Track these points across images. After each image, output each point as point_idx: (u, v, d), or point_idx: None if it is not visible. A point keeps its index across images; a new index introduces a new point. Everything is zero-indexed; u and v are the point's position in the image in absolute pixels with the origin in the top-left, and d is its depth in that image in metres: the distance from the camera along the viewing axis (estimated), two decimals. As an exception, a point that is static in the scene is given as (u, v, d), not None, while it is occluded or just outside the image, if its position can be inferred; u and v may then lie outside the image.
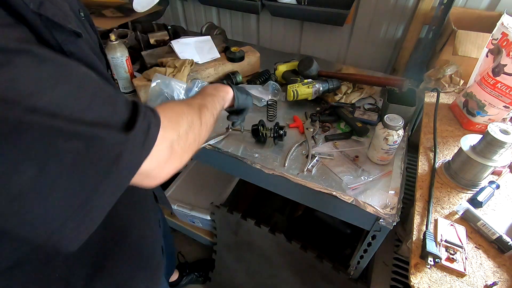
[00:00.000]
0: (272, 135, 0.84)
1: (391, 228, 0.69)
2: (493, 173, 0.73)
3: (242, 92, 0.72)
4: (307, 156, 0.82)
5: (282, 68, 1.10)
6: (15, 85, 0.25)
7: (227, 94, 0.67)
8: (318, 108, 0.99)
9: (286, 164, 0.81)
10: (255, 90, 1.02)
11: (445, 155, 0.80)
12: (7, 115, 0.24)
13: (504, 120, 0.81)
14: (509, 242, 0.58)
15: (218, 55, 1.14)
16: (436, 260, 0.56)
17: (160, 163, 0.37)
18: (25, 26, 0.30)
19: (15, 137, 0.25)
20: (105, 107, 0.32)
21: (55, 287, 0.46)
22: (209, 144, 0.88)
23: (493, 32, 0.79)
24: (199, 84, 1.03)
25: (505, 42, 0.74)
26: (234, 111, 0.74)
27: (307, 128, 0.91)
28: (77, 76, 0.30)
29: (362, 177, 0.77)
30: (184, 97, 0.99)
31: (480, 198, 0.66)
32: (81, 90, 0.30)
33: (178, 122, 0.42)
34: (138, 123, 0.34)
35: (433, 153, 0.79)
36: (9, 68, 0.25)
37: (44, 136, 0.27)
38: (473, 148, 0.67)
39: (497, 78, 0.76)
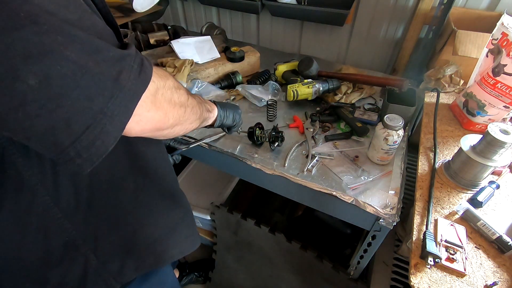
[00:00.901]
0: (267, 139, 0.83)
1: (391, 228, 0.69)
2: (493, 173, 0.73)
3: (227, 110, 0.69)
4: (307, 156, 0.82)
5: (282, 68, 1.10)
6: None
7: (212, 112, 0.65)
8: (318, 108, 0.99)
9: (286, 164, 0.81)
10: (255, 90, 1.02)
11: (445, 155, 0.80)
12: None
13: (504, 120, 0.81)
14: (509, 242, 0.58)
15: (218, 55, 1.14)
16: (436, 260, 0.56)
17: (146, 105, 0.36)
18: None
19: (13, 33, 0.25)
20: (96, 26, 0.32)
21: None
22: (206, 143, 0.88)
23: (493, 32, 0.79)
24: (199, 84, 1.03)
25: (505, 42, 0.74)
26: (223, 129, 0.74)
27: (307, 128, 0.91)
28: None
29: (362, 177, 0.77)
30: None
31: (480, 198, 0.66)
32: (70, 6, 0.29)
33: (166, 76, 0.42)
34: (131, 49, 0.33)
35: (433, 153, 0.79)
36: None
37: (44, 32, 0.27)
38: (473, 148, 0.67)
39: (497, 78, 0.76)
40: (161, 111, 0.40)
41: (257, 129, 0.83)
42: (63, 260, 0.49)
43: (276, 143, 0.83)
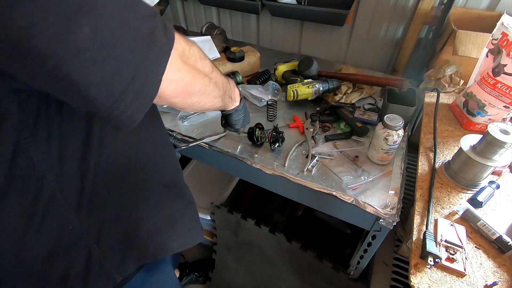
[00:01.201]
0: (267, 140, 0.83)
1: (391, 228, 0.69)
2: (493, 173, 0.73)
3: (246, 110, 0.73)
4: (307, 156, 0.82)
5: (282, 68, 1.10)
6: None
7: (235, 98, 0.66)
8: (318, 108, 0.99)
9: (286, 164, 0.81)
10: (255, 90, 1.02)
11: (445, 155, 0.80)
12: None
13: (504, 120, 0.81)
14: (509, 242, 0.58)
15: (218, 55, 1.14)
16: (436, 260, 0.56)
17: (176, 64, 0.37)
18: None
19: None
20: None
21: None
22: (206, 143, 0.88)
23: (493, 32, 0.79)
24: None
25: (505, 42, 0.74)
26: (227, 122, 0.73)
27: (307, 128, 0.91)
28: None
29: (362, 177, 0.77)
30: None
31: (480, 198, 0.66)
32: None
33: (190, 43, 0.42)
34: (157, 15, 0.34)
35: (433, 153, 0.79)
36: None
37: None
38: (473, 148, 0.67)
39: (497, 78, 0.76)
40: (189, 73, 0.41)
41: (257, 129, 0.83)
42: (67, 252, 0.49)
43: (277, 144, 0.83)
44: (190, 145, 0.86)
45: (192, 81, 0.42)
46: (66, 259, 0.49)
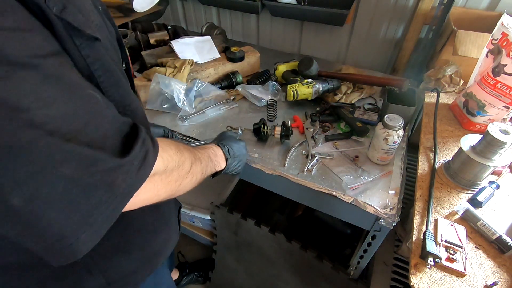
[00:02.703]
0: (274, 134, 0.84)
1: (391, 228, 0.69)
2: (493, 173, 0.73)
3: (236, 161, 0.71)
4: (307, 156, 0.82)
5: (282, 68, 1.10)
6: (10, 98, 0.25)
7: (220, 163, 0.66)
8: (318, 108, 0.99)
9: (286, 164, 0.81)
10: (255, 90, 1.02)
11: (445, 155, 0.80)
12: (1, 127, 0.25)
13: (504, 120, 0.81)
14: (509, 242, 0.58)
15: (218, 55, 1.14)
16: (436, 260, 0.56)
17: (144, 191, 0.38)
18: (48, 30, 0.30)
19: (8, 152, 0.26)
20: (100, 131, 0.32)
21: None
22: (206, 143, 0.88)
23: (493, 32, 0.79)
24: (199, 84, 1.03)
25: (505, 42, 0.74)
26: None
27: (307, 128, 0.91)
28: (77, 98, 0.31)
29: (362, 177, 0.77)
30: (184, 97, 0.99)
31: (480, 198, 0.66)
32: (78, 112, 0.30)
33: (171, 156, 0.43)
34: (135, 150, 0.35)
35: (433, 153, 0.79)
36: (7, 81, 0.25)
37: (38, 152, 0.27)
38: (473, 148, 0.67)
39: (497, 78, 0.76)
40: (152, 192, 0.41)
41: (263, 125, 0.84)
42: (73, 276, 0.50)
43: (289, 136, 0.84)
44: (196, 144, 0.86)
45: (155, 197, 0.42)
46: (70, 282, 0.52)
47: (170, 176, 0.43)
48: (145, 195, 0.40)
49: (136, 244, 0.58)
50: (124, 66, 0.53)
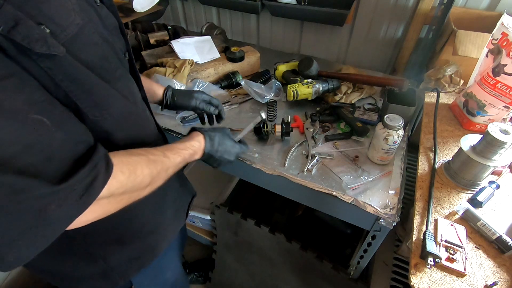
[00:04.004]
0: (274, 132, 0.85)
1: (391, 228, 0.69)
2: (493, 173, 0.73)
3: (216, 157, 0.66)
4: (307, 156, 0.82)
5: (282, 68, 1.10)
6: None
7: (194, 157, 0.62)
8: (318, 108, 0.99)
9: (286, 164, 0.81)
10: (258, 88, 1.02)
11: (445, 155, 0.80)
12: None
13: (504, 120, 0.81)
14: (509, 242, 0.58)
15: (218, 55, 1.14)
16: (436, 260, 0.56)
17: (91, 211, 0.38)
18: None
19: None
20: (40, 156, 0.32)
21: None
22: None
23: (493, 32, 0.79)
24: (200, 84, 1.03)
25: (505, 42, 0.74)
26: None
27: (307, 128, 0.91)
28: (16, 124, 0.30)
29: (362, 177, 0.77)
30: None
31: (480, 198, 0.66)
32: (14, 139, 0.30)
33: (120, 182, 0.42)
34: (78, 175, 0.34)
35: (433, 153, 0.79)
36: None
37: None
38: (473, 148, 0.67)
39: (497, 78, 0.76)
40: (98, 212, 0.40)
41: (263, 124, 0.84)
42: (75, 255, 0.54)
43: (289, 133, 0.85)
44: None
45: (103, 214, 0.42)
46: (73, 260, 0.57)
47: (119, 197, 0.42)
48: (90, 217, 0.39)
49: (137, 235, 0.60)
50: (127, 56, 0.53)
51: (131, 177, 0.43)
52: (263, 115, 0.72)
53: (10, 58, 0.31)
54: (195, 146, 0.61)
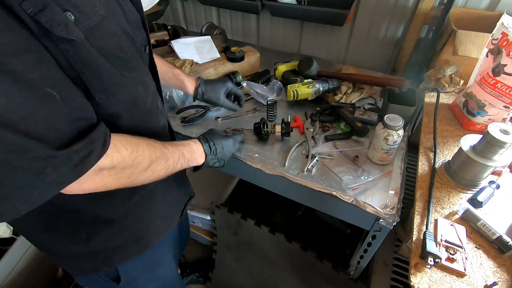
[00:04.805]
0: (274, 132, 0.85)
1: (391, 228, 0.69)
2: (493, 173, 0.73)
3: (215, 156, 0.70)
4: (307, 156, 0.82)
5: (282, 68, 1.10)
6: None
7: (197, 159, 0.66)
8: (318, 108, 0.99)
9: (286, 164, 0.81)
10: (259, 88, 1.02)
11: (445, 155, 0.80)
12: None
13: (504, 120, 0.81)
14: (509, 242, 0.58)
15: (218, 55, 1.14)
16: (436, 260, 0.56)
17: (80, 180, 0.40)
18: (26, 29, 0.33)
19: None
20: (46, 123, 0.35)
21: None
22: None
23: (493, 32, 0.79)
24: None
25: (505, 42, 0.74)
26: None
27: (307, 128, 0.91)
28: (30, 93, 0.34)
29: (362, 177, 0.77)
30: (184, 98, 0.99)
31: (480, 198, 0.66)
32: (25, 105, 0.34)
33: (123, 156, 0.46)
34: (75, 146, 0.38)
35: (433, 153, 0.79)
36: None
37: None
38: (473, 148, 0.67)
39: (497, 78, 0.76)
40: (99, 184, 0.44)
41: (263, 124, 0.85)
42: (61, 231, 0.57)
43: (289, 133, 0.85)
44: None
45: (102, 187, 0.45)
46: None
47: (121, 173, 0.46)
48: (90, 186, 0.43)
49: (122, 219, 0.60)
50: (147, 50, 0.55)
51: (133, 154, 0.47)
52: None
53: (34, 36, 0.34)
54: (192, 145, 0.65)
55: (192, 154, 0.64)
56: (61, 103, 0.37)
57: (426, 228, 0.62)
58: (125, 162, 0.46)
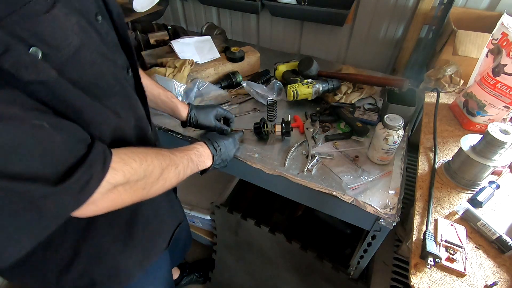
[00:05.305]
0: (274, 132, 0.85)
1: (391, 228, 0.69)
2: (493, 173, 0.73)
3: (220, 156, 0.71)
4: (307, 156, 0.82)
5: (282, 68, 1.10)
6: None
7: (205, 162, 0.66)
8: (318, 108, 0.99)
9: (286, 164, 0.81)
10: (259, 88, 1.02)
11: (445, 155, 0.80)
12: None
13: (504, 120, 0.81)
14: (509, 242, 0.58)
15: (218, 55, 1.14)
16: (436, 260, 0.56)
17: (95, 201, 0.39)
18: None
19: None
20: (40, 161, 0.32)
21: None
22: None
23: (493, 32, 0.79)
24: (200, 84, 1.03)
25: (505, 42, 0.74)
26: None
27: (307, 128, 0.91)
28: (15, 131, 0.30)
29: (362, 177, 0.77)
30: (184, 98, 0.99)
31: (480, 198, 0.66)
32: (18, 143, 0.30)
33: (134, 168, 0.44)
34: (75, 176, 0.35)
35: (433, 153, 0.79)
36: None
37: None
38: (473, 148, 0.67)
39: (497, 78, 0.76)
40: (115, 201, 0.42)
41: (264, 124, 0.85)
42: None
43: (289, 132, 0.86)
44: None
45: (120, 203, 0.44)
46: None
47: (135, 186, 0.44)
48: (107, 204, 0.41)
49: (86, 261, 0.57)
50: (130, 72, 0.52)
51: (143, 164, 0.45)
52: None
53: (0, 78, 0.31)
54: (199, 148, 0.64)
55: (200, 157, 0.63)
56: (52, 131, 0.34)
57: (426, 228, 0.62)
58: (138, 174, 0.44)
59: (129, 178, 0.43)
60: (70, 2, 0.37)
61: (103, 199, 0.40)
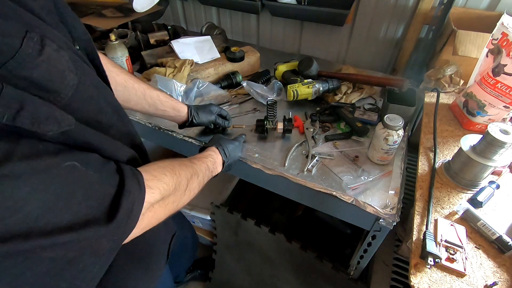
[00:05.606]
0: (276, 128, 0.86)
1: (391, 228, 0.69)
2: (493, 173, 0.73)
3: (229, 162, 0.71)
4: (307, 156, 0.82)
5: (282, 68, 1.10)
6: None
7: (217, 169, 0.67)
8: (318, 108, 0.99)
9: (286, 164, 0.81)
10: (259, 88, 1.02)
11: (445, 155, 0.80)
12: None
13: (504, 120, 0.81)
14: (509, 242, 0.58)
15: (218, 55, 1.14)
16: (436, 260, 0.56)
17: (137, 224, 0.38)
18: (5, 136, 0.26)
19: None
20: (85, 203, 0.31)
21: None
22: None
23: (493, 32, 0.79)
24: (200, 84, 1.03)
25: (505, 42, 0.74)
26: None
27: (307, 128, 0.91)
28: (55, 179, 0.28)
29: (362, 177, 0.77)
30: (184, 98, 0.99)
31: (480, 198, 0.66)
32: (58, 194, 0.28)
33: (167, 183, 0.43)
34: (121, 210, 0.33)
35: (433, 153, 0.79)
36: None
37: (18, 259, 0.27)
38: (473, 148, 0.67)
39: (497, 78, 0.76)
40: (153, 219, 0.42)
41: (266, 121, 0.85)
42: None
43: (289, 132, 0.86)
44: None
45: (156, 221, 0.43)
46: None
47: (167, 200, 0.44)
48: (145, 224, 0.41)
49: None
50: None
51: (174, 177, 0.45)
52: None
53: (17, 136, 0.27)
54: (213, 155, 0.64)
55: (214, 164, 0.64)
56: (84, 169, 0.31)
57: (426, 228, 0.62)
58: (170, 189, 0.44)
59: (164, 194, 0.42)
60: (53, 33, 0.33)
61: (143, 220, 0.38)
